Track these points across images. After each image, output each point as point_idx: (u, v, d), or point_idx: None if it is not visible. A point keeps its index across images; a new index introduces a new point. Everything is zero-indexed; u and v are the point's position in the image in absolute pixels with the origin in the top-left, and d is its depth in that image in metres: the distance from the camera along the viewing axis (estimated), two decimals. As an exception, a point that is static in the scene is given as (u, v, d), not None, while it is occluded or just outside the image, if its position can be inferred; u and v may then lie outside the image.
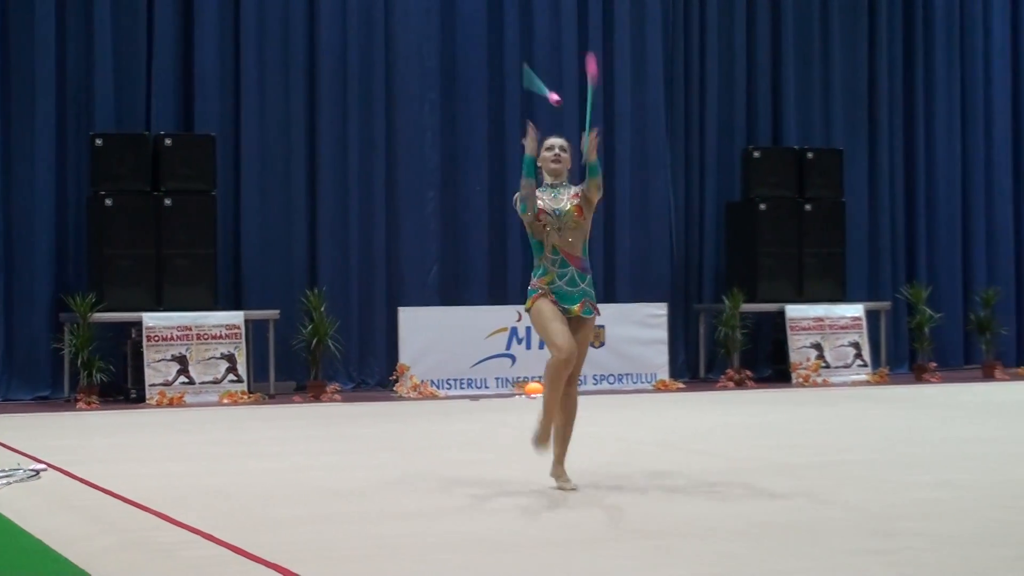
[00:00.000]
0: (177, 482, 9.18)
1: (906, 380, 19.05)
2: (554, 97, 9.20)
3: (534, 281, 8.90)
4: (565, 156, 8.99)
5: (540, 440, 8.89)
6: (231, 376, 16.10)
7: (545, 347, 17.41)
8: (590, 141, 8.86)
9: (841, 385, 18.14)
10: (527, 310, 8.97)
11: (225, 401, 15.84)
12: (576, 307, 8.79)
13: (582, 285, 8.85)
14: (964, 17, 21.27)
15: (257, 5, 17.65)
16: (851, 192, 19.92)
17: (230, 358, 16.13)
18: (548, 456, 8.82)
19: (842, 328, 18.73)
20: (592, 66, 9.55)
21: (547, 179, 8.98)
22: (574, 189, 8.91)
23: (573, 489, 8.65)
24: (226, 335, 16.18)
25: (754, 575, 5.93)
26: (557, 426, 8.92)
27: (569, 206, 8.80)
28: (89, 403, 15.29)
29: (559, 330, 8.71)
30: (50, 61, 16.80)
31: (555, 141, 9.05)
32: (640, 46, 19.28)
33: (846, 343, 18.70)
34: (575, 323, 8.79)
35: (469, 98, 18.55)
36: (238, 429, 13.15)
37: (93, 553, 6.54)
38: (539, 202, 8.77)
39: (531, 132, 8.84)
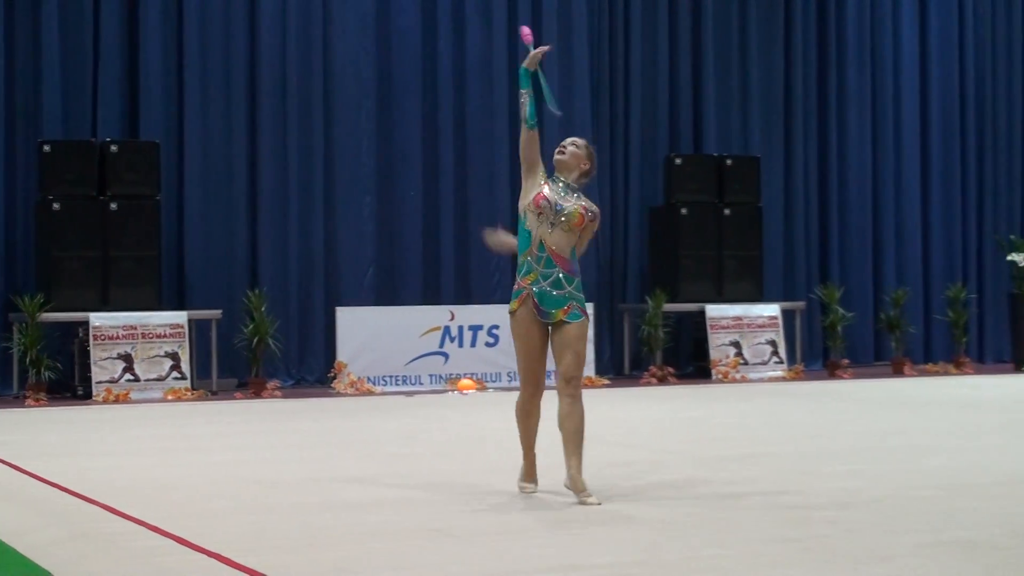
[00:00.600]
0: (123, 475, 9.14)
1: (820, 376, 19.17)
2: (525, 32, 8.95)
3: (519, 281, 8.14)
4: (572, 150, 8.25)
5: (521, 479, 8.23)
6: (175, 373, 16.01)
7: (477, 343, 17.64)
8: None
9: (758, 381, 18.22)
10: (511, 312, 8.14)
11: (169, 398, 15.74)
12: (560, 311, 8.00)
13: (569, 288, 8.04)
14: (875, 32, 21.43)
15: (199, 17, 17.56)
16: (768, 197, 20.02)
17: (174, 356, 16.04)
18: (534, 495, 8.04)
19: (759, 327, 18.82)
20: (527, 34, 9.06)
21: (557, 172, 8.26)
22: (584, 202, 8.15)
23: (597, 503, 7.59)
24: (170, 334, 16.10)
25: (674, 562, 5.95)
26: (566, 440, 7.95)
27: (574, 208, 8.05)
28: (37, 400, 15.16)
29: (528, 369, 8.10)
30: (-1, 71, 16.72)
31: (569, 139, 8.41)
32: (567, 59, 19.31)
33: (763, 341, 18.79)
34: (559, 327, 8.03)
35: (403, 107, 18.53)
36: (182, 425, 13.08)
37: (41, 544, 6.50)
38: (544, 188, 8.09)
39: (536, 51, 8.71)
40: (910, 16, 21.62)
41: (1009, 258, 20.19)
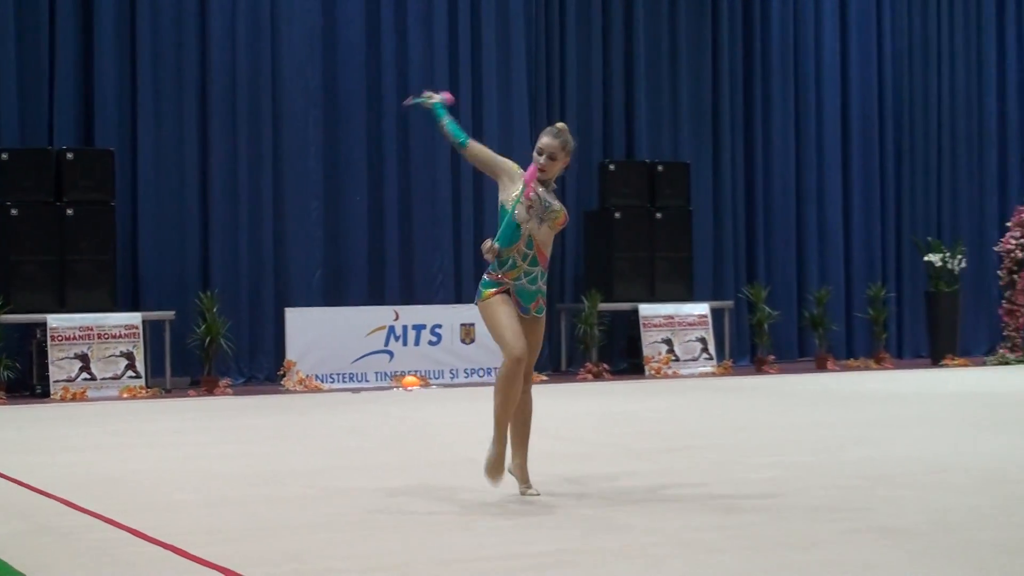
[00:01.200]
0: (80, 470, 9.07)
1: (747, 372, 19.26)
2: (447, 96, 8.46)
3: (495, 274, 7.70)
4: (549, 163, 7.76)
5: (493, 469, 7.52)
6: (130, 372, 15.93)
7: (421, 342, 17.56)
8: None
9: (689, 376, 18.29)
10: (480, 302, 7.75)
11: (124, 396, 15.66)
12: (532, 305, 7.78)
13: (540, 284, 7.81)
14: (797, 45, 21.55)
15: (151, 29, 17.48)
16: (697, 201, 20.10)
17: (129, 356, 15.96)
18: (500, 486, 7.54)
19: (690, 325, 18.88)
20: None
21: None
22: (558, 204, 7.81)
23: (536, 495, 7.47)
24: (125, 334, 16.01)
25: (612, 549, 5.95)
26: (515, 431, 7.62)
27: (560, 207, 7.80)
28: (-4, 398, 15.09)
29: (515, 330, 7.59)
30: (-42, 82, 16.59)
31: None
32: (505, 69, 19.33)
33: (693, 338, 18.85)
34: (529, 323, 7.75)
35: (349, 115, 18.50)
36: (137, 421, 13.00)
37: (0, 537, 6.43)
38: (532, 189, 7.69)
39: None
40: (831, 30, 21.76)
41: (925, 259, 20.37)
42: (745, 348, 20.45)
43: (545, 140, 7.79)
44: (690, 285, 19.48)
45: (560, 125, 7.97)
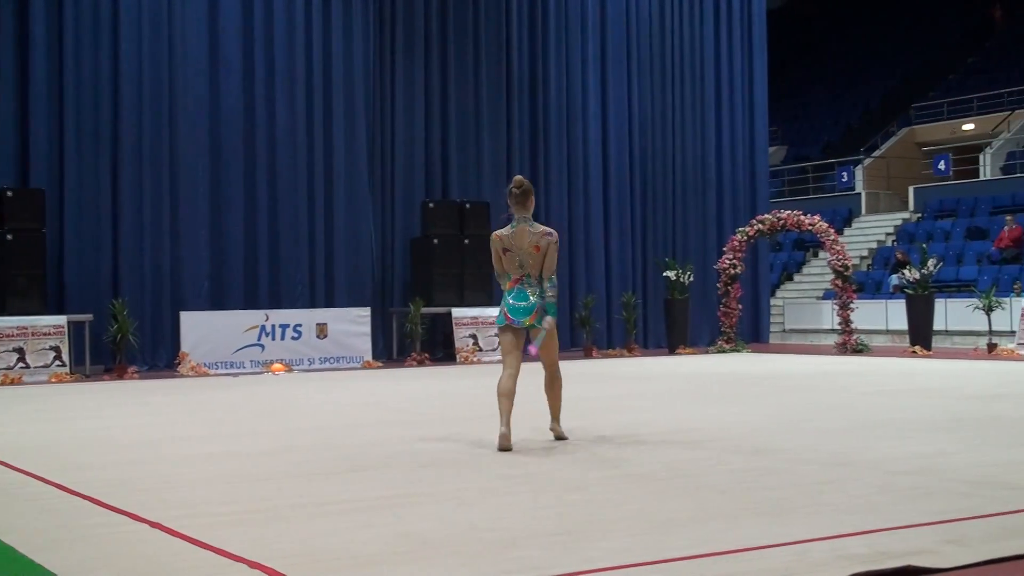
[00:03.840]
0: (15, 439, 8.81)
1: (533, 359, 19.30)
2: (532, 350, 7.96)
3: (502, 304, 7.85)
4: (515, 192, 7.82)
5: (502, 443, 7.52)
6: (58, 362, 15.59)
7: (286, 337, 17.40)
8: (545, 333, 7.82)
9: (490, 362, 18.32)
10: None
11: (53, 380, 15.30)
12: (528, 319, 7.75)
13: (532, 299, 7.74)
14: (571, 114, 21.86)
15: (75, 92, 17.19)
16: (496, 231, 20.14)
17: (56, 349, 15.61)
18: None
19: (490, 324, 18.90)
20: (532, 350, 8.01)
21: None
22: (540, 230, 7.80)
23: (566, 438, 7.92)
24: (53, 332, 15.65)
25: (423, 494, 5.95)
26: (551, 399, 8.07)
27: (527, 243, 7.76)
28: (-51, 383, 14.62)
29: (507, 362, 7.84)
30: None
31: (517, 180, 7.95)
32: (351, 127, 19.30)
33: (492, 334, 18.86)
34: (535, 331, 7.79)
35: (230, 164, 18.34)
36: (62, 400, 12.65)
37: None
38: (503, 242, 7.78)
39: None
40: (595, 103, 22.12)
41: (664, 274, 20.80)
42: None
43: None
44: (490, 294, 19.57)
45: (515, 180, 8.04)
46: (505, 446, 7.51)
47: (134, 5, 17.60)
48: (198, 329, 16.81)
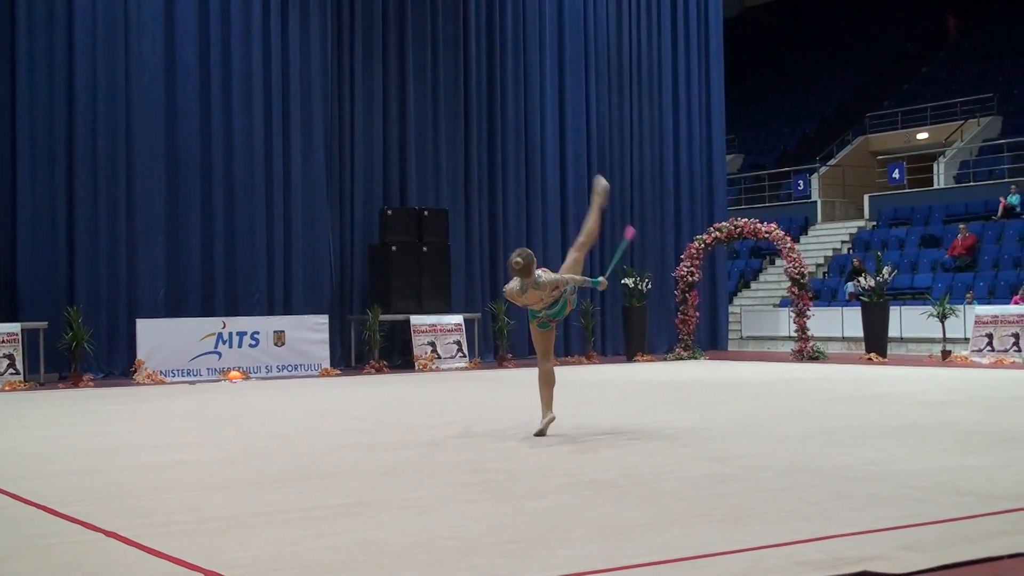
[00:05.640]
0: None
1: (492, 366, 19.43)
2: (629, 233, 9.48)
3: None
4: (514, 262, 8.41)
5: (543, 428, 8.73)
6: (11, 370, 15.50)
7: (243, 345, 17.30)
8: (602, 283, 9.04)
9: (448, 370, 18.39)
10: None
11: (7, 388, 15.18)
12: (560, 318, 8.86)
13: (556, 308, 8.69)
14: (528, 123, 21.92)
15: (28, 100, 17.06)
16: (454, 238, 20.27)
17: (10, 357, 15.51)
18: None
19: (448, 331, 18.99)
20: (629, 232, 9.57)
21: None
22: (546, 285, 8.52)
23: (553, 418, 8.83)
24: (7, 340, 15.55)
25: (388, 502, 5.94)
26: (544, 393, 8.90)
27: (537, 299, 8.58)
28: (-99, 391, 14.43)
29: (540, 353, 8.91)
30: None
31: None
32: (308, 138, 19.23)
33: (451, 341, 18.97)
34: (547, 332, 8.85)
35: (187, 171, 18.25)
36: (16, 408, 12.51)
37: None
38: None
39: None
40: (552, 112, 22.19)
41: (622, 281, 20.81)
42: (490, 348, 20.63)
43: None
44: (448, 301, 19.62)
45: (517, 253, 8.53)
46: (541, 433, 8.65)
47: (89, 10, 17.49)
48: (154, 337, 16.70)
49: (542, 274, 8.56)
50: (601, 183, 9.45)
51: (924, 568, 4.29)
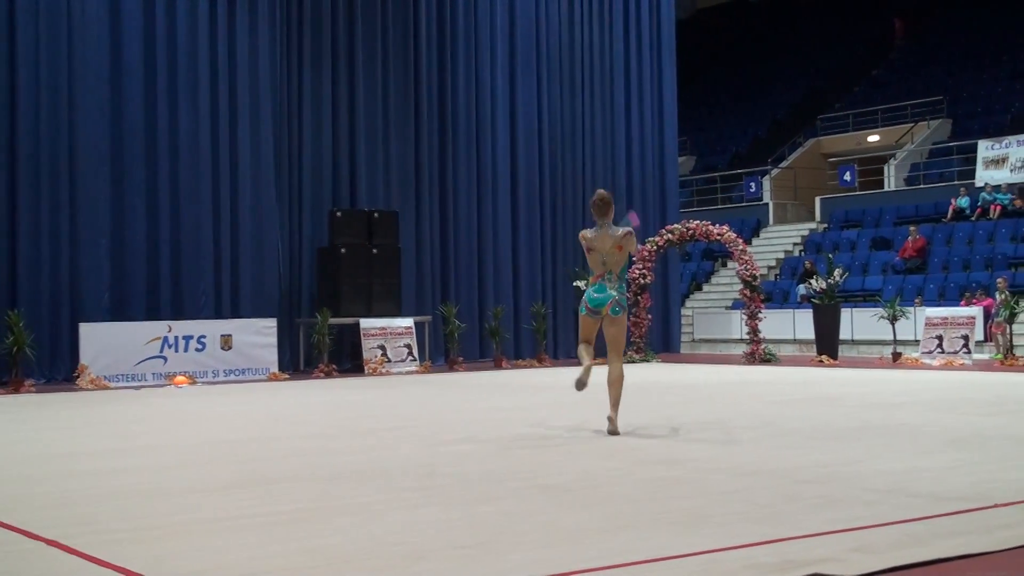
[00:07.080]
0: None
1: (443, 370, 19.42)
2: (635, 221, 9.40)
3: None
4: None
5: (580, 380, 8.90)
6: (-50, 375, 15.22)
7: (189, 349, 17.23)
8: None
9: (399, 374, 18.35)
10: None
11: (-55, 394, 14.94)
12: (604, 308, 8.89)
13: (609, 291, 8.89)
14: (479, 126, 21.95)
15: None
16: (404, 240, 20.23)
17: (-51, 362, 15.26)
18: (586, 390, 9.12)
19: (399, 334, 18.95)
20: (634, 219, 9.54)
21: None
22: (620, 232, 8.94)
23: (617, 432, 8.88)
24: (-54, 345, 15.30)
25: (330, 508, 5.90)
26: (612, 394, 9.01)
27: (609, 245, 8.93)
28: None
29: (581, 334, 9.14)
30: None
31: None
32: (256, 137, 19.13)
33: (401, 344, 18.93)
34: (607, 320, 8.91)
35: (131, 171, 18.08)
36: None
37: None
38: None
39: None
40: (503, 114, 22.24)
41: (574, 284, 20.86)
42: (441, 351, 20.62)
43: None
44: (399, 304, 19.58)
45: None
46: (583, 380, 8.87)
47: (31, 8, 17.30)
48: (98, 341, 16.53)
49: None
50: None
51: (875, 570, 4.32)
